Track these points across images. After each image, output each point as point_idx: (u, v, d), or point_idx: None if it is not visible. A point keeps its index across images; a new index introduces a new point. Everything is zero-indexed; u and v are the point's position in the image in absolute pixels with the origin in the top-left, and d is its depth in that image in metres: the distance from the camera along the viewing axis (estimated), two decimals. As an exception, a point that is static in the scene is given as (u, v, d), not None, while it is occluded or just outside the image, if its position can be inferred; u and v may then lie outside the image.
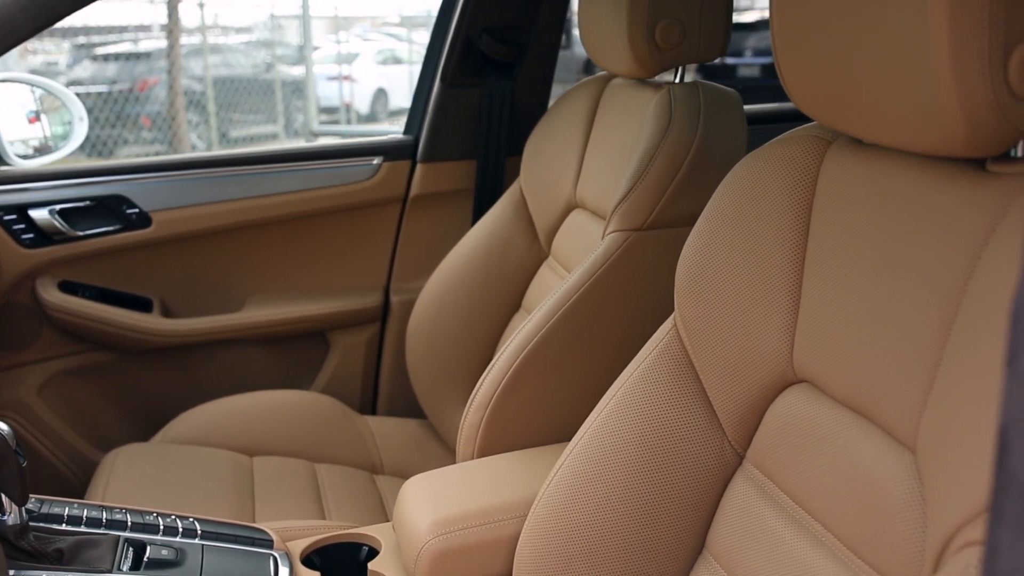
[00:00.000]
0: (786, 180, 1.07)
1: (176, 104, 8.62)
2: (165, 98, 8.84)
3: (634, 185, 1.58)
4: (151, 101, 9.00)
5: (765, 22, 9.63)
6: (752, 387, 1.10)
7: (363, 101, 11.02)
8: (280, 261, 2.34)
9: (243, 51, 10.54)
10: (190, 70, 9.34)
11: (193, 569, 1.27)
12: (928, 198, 0.90)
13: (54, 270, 2.12)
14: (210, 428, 2.00)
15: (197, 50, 9.52)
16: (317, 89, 10.44)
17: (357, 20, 13.00)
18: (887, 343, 0.90)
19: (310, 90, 10.08)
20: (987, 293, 0.80)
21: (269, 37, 10.77)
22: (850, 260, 0.97)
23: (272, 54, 10.53)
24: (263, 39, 10.88)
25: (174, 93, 8.37)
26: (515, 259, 2.02)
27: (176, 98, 8.42)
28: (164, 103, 8.86)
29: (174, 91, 8.35)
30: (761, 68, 9.13)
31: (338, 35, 11.46)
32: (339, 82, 10.67)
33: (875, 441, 0.93)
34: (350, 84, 10.82)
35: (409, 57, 11.60)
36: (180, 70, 8.70)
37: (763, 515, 1.09)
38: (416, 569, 1.34)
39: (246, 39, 10.90)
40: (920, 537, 0.86)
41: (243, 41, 10.83)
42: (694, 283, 1.17)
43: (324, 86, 10.73)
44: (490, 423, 1.58)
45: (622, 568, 1.19)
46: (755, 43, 9.38)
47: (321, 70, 10.72)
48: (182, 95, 8.71)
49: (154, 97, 9.01)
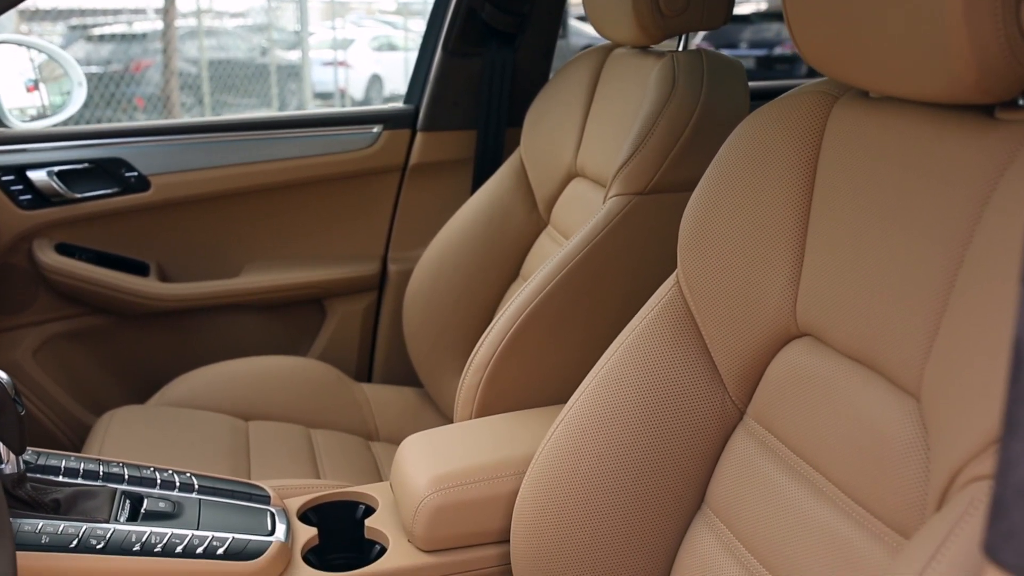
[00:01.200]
0: (792, 134, 1.07)
1: (170, 84, 8.60)
2: (159, 80, 8.82)
3: (636, 149, 1.58)
4: (145, 82, 8.97)
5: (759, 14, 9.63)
6: (755, 342, 1.11)
7: (358, 87, 10.98)
8: (278, 228, 2.34)
9: (238, 35, 10.51)
10: (185, 52, 9.31)
11: (190, 522, 1.27)
12: (935, 148, 0.91)
13: (51, 232, 2.12)
14: (206, 392, 2.00)
15: (192, 32, 9.49)
16: (312, 74, 10.41)
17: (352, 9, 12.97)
18: (892, 291, 0.91)
19: (306, 75, 10.05)
20: (995, 237, 0.80)
21: (265, 21, 10.73)
22: (855, 211, 0.98)
23: (268, 38, 10.50)
24: (259, 23, 10.84)
25: (169, 72, 8.34)
26: (514, 228, 2.02)
27: (171, 78, 8.39)
28: (158, 84, 8.83)
29: (169, 70, 8.32)
30: (756, 60, 9.13)
31: (334, 21, 11.42)
32: (334, 67, 10.64)
33: (878, 390, 0.93)
34: (345, 70, 10.77)
35: (405, 44, 11.57)
36: (175, 51, 8.67)
37: (763, 468, 1.09)
38: (414, 525, 1.34)
39: (242, 23, 10.86)
40: (922, 483, 0.86)
41: (239, 25, 10.79)
42: (698, 237, 1.17)
43: (319, 71, 10.69)
44: (489, 384, 1.58)
45: (621, 523, 1.19)
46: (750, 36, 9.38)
47: (316, 55, 10.69)
48: (176, 76, 8.68)
49: (148, 78, 8.98)
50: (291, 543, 1.33)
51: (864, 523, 0.93)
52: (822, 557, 0.96)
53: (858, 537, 0.93)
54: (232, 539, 1.26)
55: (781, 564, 1.02)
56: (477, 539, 1.36)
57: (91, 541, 1.18)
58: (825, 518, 0.97)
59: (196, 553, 1.22)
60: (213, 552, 1.24)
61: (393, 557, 1.35)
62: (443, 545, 1.35)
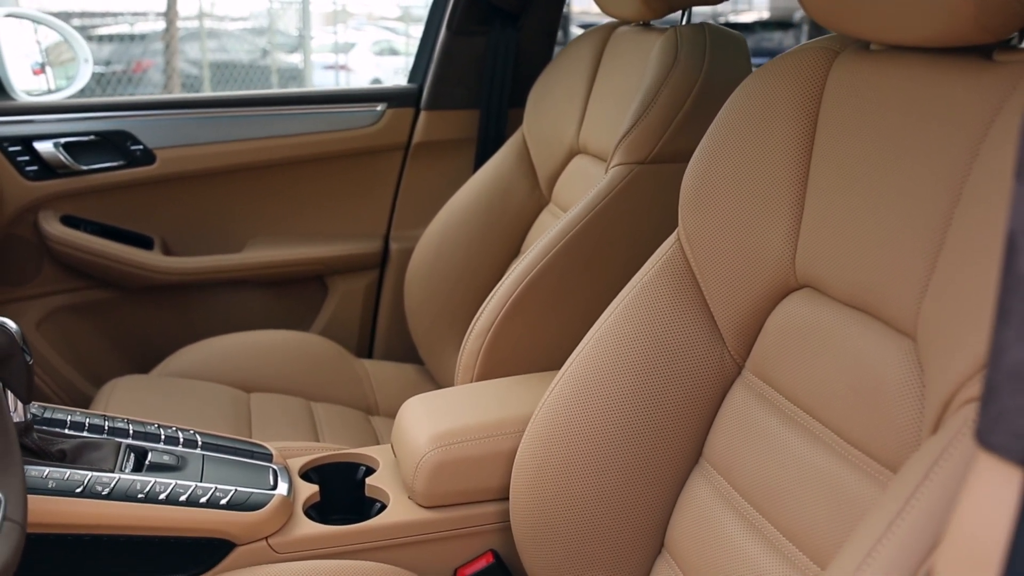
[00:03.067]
0: (793, 89, 1.09)
1: (171, 85, 8.61)
2: (160, 80, 8.83)
3: (639, 119, 1.59)
4: (145, 83, 8.98)
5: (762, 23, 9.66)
6: (754, 295, 1.12)
7: (358, 91, 10.99)
8: (282, 204, 2.35)
9: (240, 37, 10.52)
10: (187, 54, 9.33)
11: (194, 474, 1.29)
12: (932, 92, 0.92)
13: (57, 204, 2.13)
14: (208, 364, 2.01)
15: (194, 34, 9.51)
16: (313, 77, 10.43)
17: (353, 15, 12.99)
18: (890, 234, 0.92)
19: (307, 77, 10.08)
20: (992, 171, 0.82)
21: (267, 24, 10.75)
22: (854, 161, 0.99)
23: (270, 41, 10.52)
24: (260, 26, 10.86)
25: (171, 69, 8.35)
26: (516, 205, 2.03)
27: (172, 75, 8.41)
28: (159, 85, 8.84)
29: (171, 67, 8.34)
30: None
31: (336, 27, 11.45)
32: (335, 71, 10.66)
33: (876, 334, 0.94)
34: (346, 73, 10.80)
35: (406, 49, 11.59)
36: (177, 52, 8.69)
37: (761, 420, 1.10)
38: (414, 481, 1.35)
39: (243, 26, 10.88)
40: (918, 422, 0.87)
41: (240, 27, 10.81)
42: (699, 194, 1.19)
43: (320, 75, 10.71)
44: (490, 350, 1.59)
45: (619, 477, 1.21)
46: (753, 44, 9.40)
47: (317, 59, 10.71)
48: (178, 76, 8.70)
49: (148, 79, 9.00)
50: (293, 498, 1.34)
51: (861, 465, 0.94)
52: (818, 501, 0.98)
53: (854, 479, 0.94)
54: (235, 491, 1.28)
55: (778, 511, 1.04)
56: (477, 496, 1.37)
57: (96, 488, 1.20)
58: (821, 463, 0.99)
59: (199, 503, 1.24)
60: (216, 502, 1.25)
61: (393, 512, 1.36)
62: (443, 501, 1.36)
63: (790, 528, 1.01)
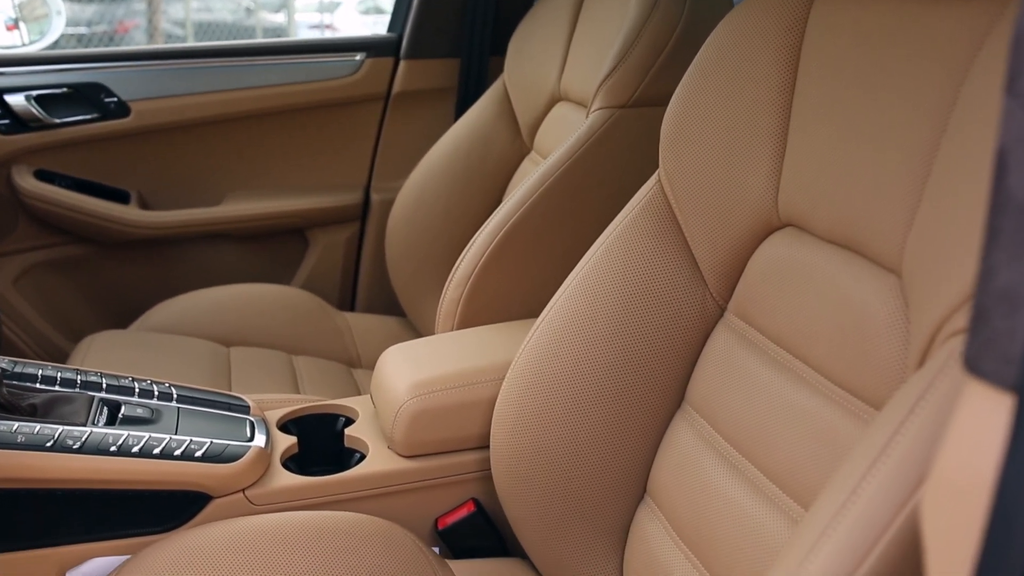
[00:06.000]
0: (775, 25, 1.06)
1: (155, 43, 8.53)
2: (144, 41, 8.75)
3: (619, 62, 1.56)
4: (128, 43, 8.90)
5: None
6: (736, 235, 1.10)
7: (344, 50, 10.92)
8: (260, 156, 2.32)
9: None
10: (171, 14, 9.24)
11: (168, 427, 1.27)
12: (916, 23, 0.89)
13: (30, 158, 2.10)
14: (187, 318, 1.98)
15: (177, -7, 9.42)
16: (298, 36, 10.35)
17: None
18: (874, 169, 0.90)
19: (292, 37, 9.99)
20: (979, 98, 0.79)
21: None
22: (837, 96, 0.97)
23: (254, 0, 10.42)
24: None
25: (155, 28, 8.28)
26: (497, 154, 2.00)
27: (155, 35, 8.34)
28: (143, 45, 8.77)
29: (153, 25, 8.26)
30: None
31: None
32: (320, 30, 10.58)
33: (860, 271, 0.92)
34: (332, 32, 10.72)
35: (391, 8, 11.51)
36: (160, 12, 8.61)
37: (743, 361, 1.08)
38: (393, 430, 1.34)
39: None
40: (903, 359, 0.85)
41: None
42: (679, 133, 1.16)
43: (305, 34, 10.63)
44: (470, 299, 1.57)
45: (600, 423, 1.19)
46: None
47: (302, 18, 10.63)
48: (162, 36, 8.62)
49: (132, 39, 8.92)
50: (270, 450, 1.32)
51: (845, 404, 0.92)
52: (802, 441, 0.96)
53: (838, 417, 0.92)
54: (211, 443, 1.26)
55: (761, 453, 1.02)
56: (457, 444, 1.36)
57: (67, 441, 1.18)
58: (804, 402, 0.97)
59: (174, 455, 1.22)
60: (191, 455, 1.23)
61: (372, 462, 1.35)
62: (422, 451, 1.35)
63: (774, 470, 1.00)
